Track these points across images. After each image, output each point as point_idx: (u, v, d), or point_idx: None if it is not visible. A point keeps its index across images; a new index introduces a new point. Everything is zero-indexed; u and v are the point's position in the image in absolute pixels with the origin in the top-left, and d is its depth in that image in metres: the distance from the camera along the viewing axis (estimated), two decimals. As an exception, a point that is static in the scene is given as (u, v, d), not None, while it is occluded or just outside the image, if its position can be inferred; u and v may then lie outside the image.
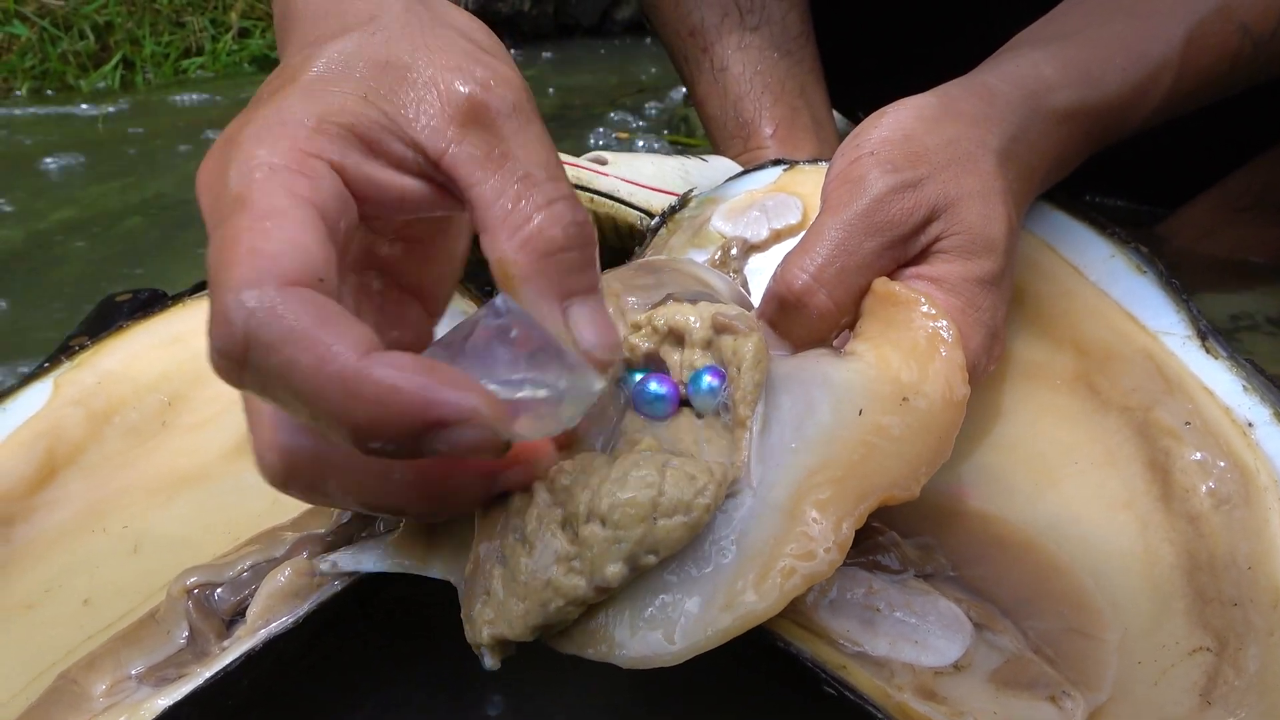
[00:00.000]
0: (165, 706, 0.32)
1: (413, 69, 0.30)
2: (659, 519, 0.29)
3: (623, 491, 0.29)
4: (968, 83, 0.43)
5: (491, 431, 0.25)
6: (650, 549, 0.29)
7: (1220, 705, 0.31)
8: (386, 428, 0.24)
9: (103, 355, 0.49)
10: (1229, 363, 0.40)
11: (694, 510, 0.29)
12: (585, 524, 0.29)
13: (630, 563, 0.29)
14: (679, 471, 0.30)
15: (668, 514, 0.29)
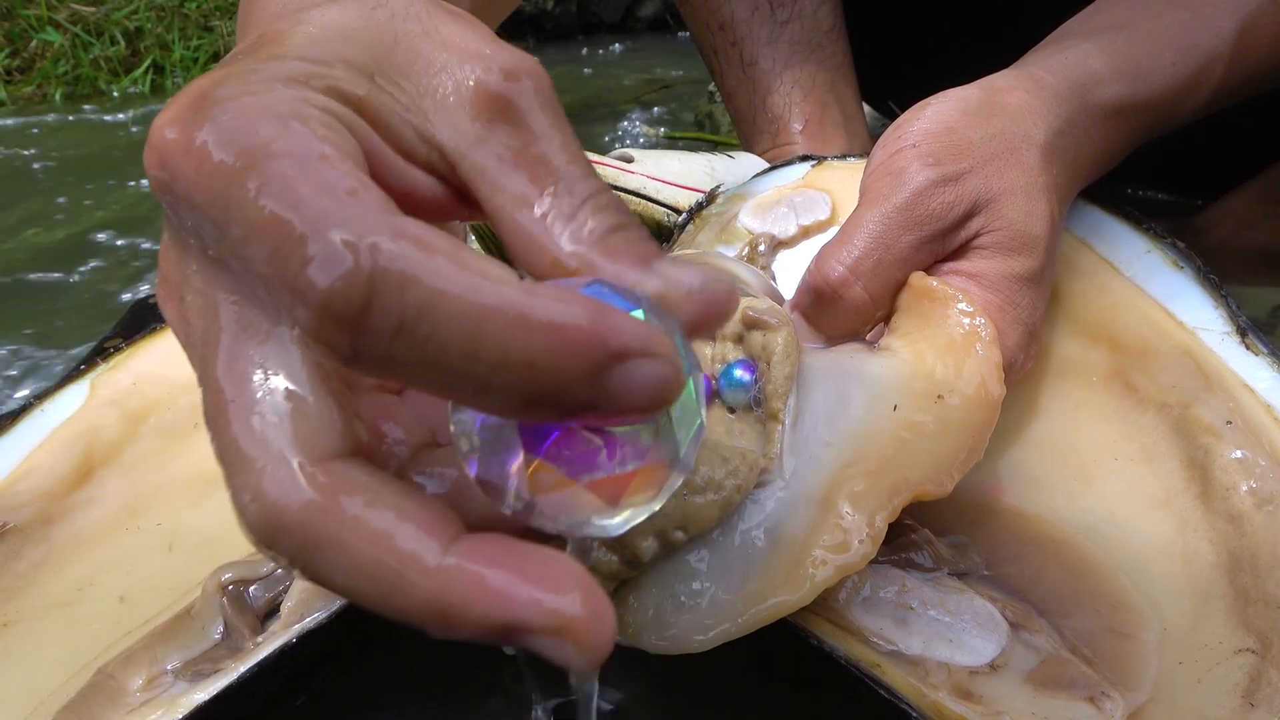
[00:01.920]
0: (201, 701, 0.32)
1: (424, 53, 0.25)
2: (689, 495, 0.29)
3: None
4: (1013, 74, 0.43)
5: (677, 369, 0.20)
6: (679, 524, 0.29)
7: (1264, 707, 0.31)
8: (564, 362, 0.19)
9: (137, 357, 0.49)
10: (1270, 359, 0.39)
11: (724, 489, 0.29)
12: None
13: (660, 537, 0.29)
14: (711, 452, 0.30)
15: (699, 491, 0.29)
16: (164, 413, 0.48)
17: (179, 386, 0.49)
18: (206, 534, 0.43)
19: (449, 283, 0.19)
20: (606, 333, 0.20)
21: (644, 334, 0.20)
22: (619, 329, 0.20)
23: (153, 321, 0.52)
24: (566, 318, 0.19)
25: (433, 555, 0.20)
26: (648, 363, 0.20)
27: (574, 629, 0.20)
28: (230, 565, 0.37)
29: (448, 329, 0.19)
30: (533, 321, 0.19)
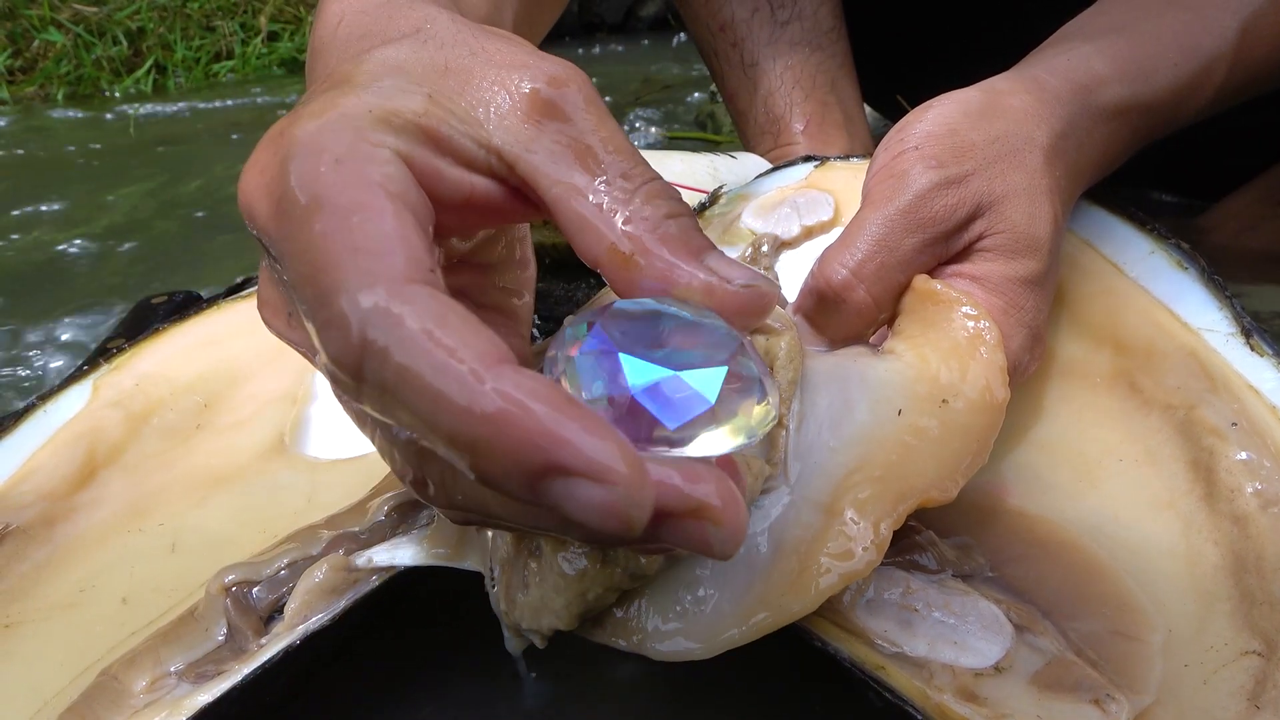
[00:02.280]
0: (205, 703, 0.32)
1: (474, 72, 0.28)
2: None
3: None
4: (1016, 76, 0.43)
5: (623, 497, 0.20)
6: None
7: (1270, 710, 0.31)
8: (502, 456, 0.21)
9: (140, 358, 0.49)
10: (1275, 360, 0.39)
11: None
12: None
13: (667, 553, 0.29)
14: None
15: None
16: (166, 413, 0.48)
17: (182, 387, 0.49)
18: (210, 535, 0.43)
19: (418, 358, 0.21)
20: (553, 442, 0.20)
21: (593, 456, 0.20)
22: (569, 441, 0.20)
23: (155, 322, 0.52)
24: (515, 416, 0.20)
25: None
26: (593, 486, 0.20)
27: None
28: (233, 567, 0.37)
29: (414, 400, 0.21)
30: (481, 409, 0.20)
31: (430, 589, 0.39)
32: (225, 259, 0.94)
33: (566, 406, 0.21)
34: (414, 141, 0.27)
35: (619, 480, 0.20)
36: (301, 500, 0.44)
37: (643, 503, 0.21)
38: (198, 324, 0.51)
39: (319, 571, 0.35)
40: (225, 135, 1.42)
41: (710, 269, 0.26)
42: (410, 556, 0.35)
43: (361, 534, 0.37)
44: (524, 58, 0.29)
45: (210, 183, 1.19)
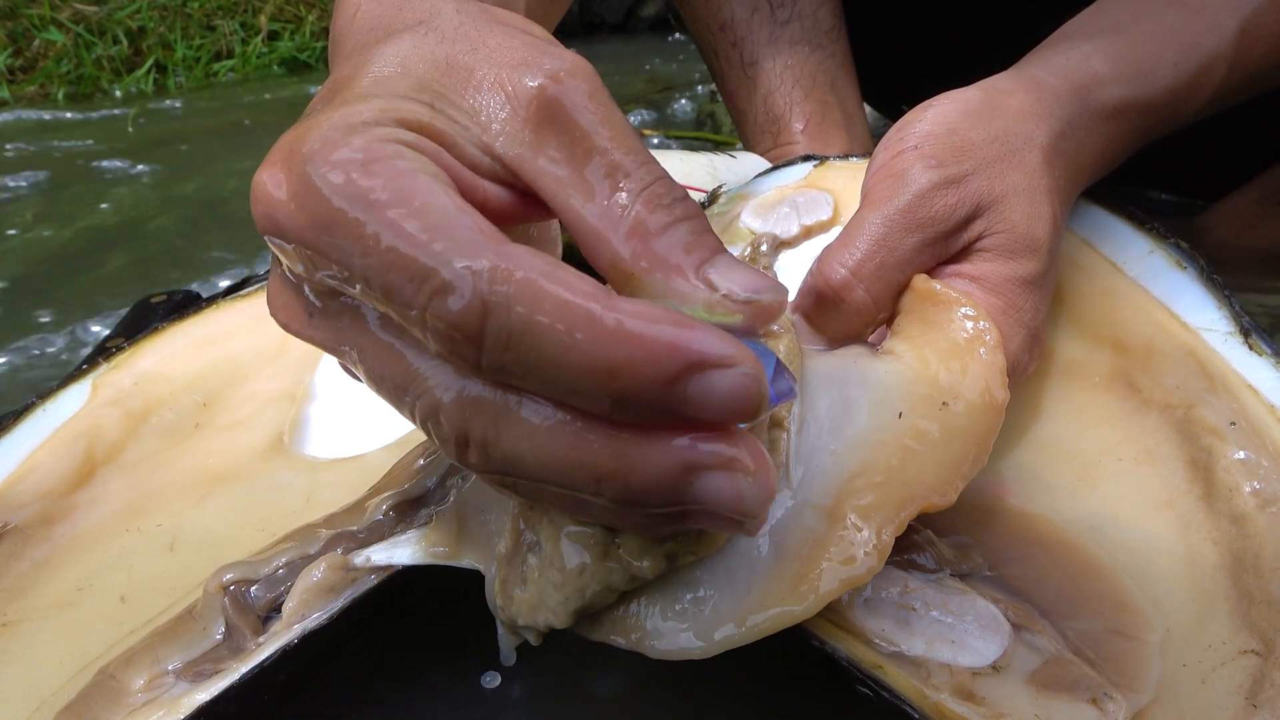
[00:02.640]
0: (203, 701, 0.32)
1: (475, 70, 0.28)
2: None
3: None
4: (1015, 75, 0.43)
5: (755, 380, 0.22)
6: (690, 549, 0.29)
7: (1267, 709, 0.31)
8: (642, 371, 0.22)
9: (139, 357, 0.49)
10: (1273, 360, 0.39)
11: None
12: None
13: (670, 560, 0.29)
14: None
15: None
16: (165, 412, 0.48)
17: (181, 386, 0.49)
18: (208, 534, 0.43)
19: (543, 301, 0.22)
20: (684, 343, 0.22)
21: (722, 346, 0.22)
22: (696, 340, 0.22)
23: (154, 321, 0.52)
24: (646, 330, 0.22)
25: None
26: (727, 373, 0.22)
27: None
28: (232, 565, 0.37)
29: (544, 342, 0.22)
30: (615, 334, 0.22)
31: (428, 588, 0.39)
32: (225, 258, 0.94)
33: (682, 318, 0.22)
34: (425, 142, 0.27)
35: (746, 361, 0.22)
36: (300, 499, 0.44)
37: (764, 386, 0.22)
38: (197, 323, 0.51)
39: (317, 570, 0.35)
40: (225, 135, 1.43)
41: (711, 283, 0.26)
42: (408, 555, 0.34)
43: (360, 533, 0.37)
44: (525, 53, 0.28)
45: (210, 182, 1.20)
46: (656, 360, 0.22)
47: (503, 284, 0.22)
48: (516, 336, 0.22)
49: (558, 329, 0.22)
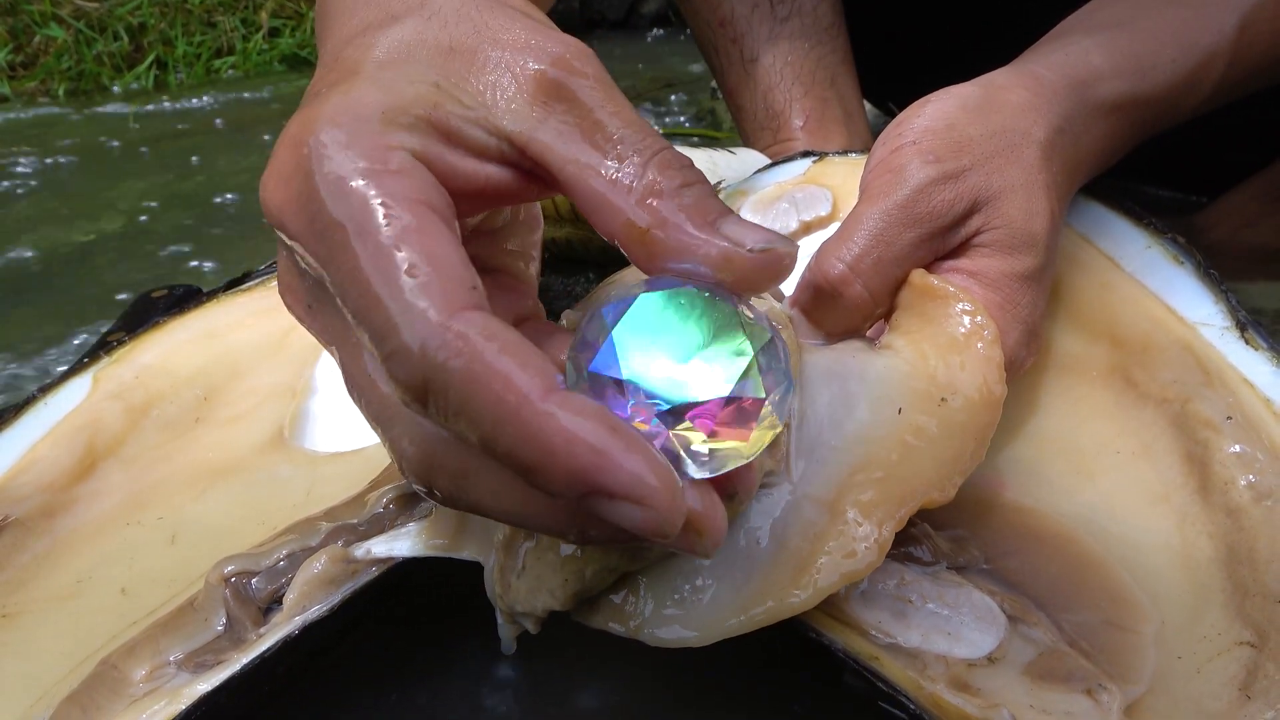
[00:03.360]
0: (204, 691, 0.32)
1: (480, 52, 0.28)
2: None
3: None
4: (1014, 71, 0.43)
5: (659, 518, 0.23)
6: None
7: (1260, 699, 0.31)
8: (553, 477, 0.23)
9: (140, 351, 0.49)
10: (1269, 354, 0.39)
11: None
12: None
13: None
14: None
15: None
16: (166, 406, 0.48)
17: (182, 380, 0.49)
18: (209, 527, 0.43)
19: (477, 389, 0.23)
20: (600, 471, 0.23)
21: (638, 482, 0.23)
22: (609, 469, 0.23)
23: (155, 315, 0.52)
24: (568, 446, 0.23)
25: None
26: (633, 508, 0.23)
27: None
28: (232, 558, 0.37)
29: (477, 421, 0.23)
30: (537, 439, 0.23)
31: (428, 580, 0.39)
32: (226, 254, 0.94)
33: (612, 434, 0.23)
34: (427, 137, 0.27)
35: (657, 504, 0.23)
36: (300, 493, 0.44)
37: (675, 519, 0.23)
38: (198, 317, 0.51)
39: (318, 563, 0.35)
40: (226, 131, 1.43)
41: (725, 236, 0.26)
42: (408, 548, 0.35)
43: (360, 526, 0.38)
44: (528, 36, 0.28)
45: (211, 178, 1.20)
46: (568, 476, 0.23)
47: (445, 359, 0.23)
48: (453, 413, 0.24)
49: (486, 418, 0.23)
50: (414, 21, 0.29)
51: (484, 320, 0.24)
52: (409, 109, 0.27)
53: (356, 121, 0.26)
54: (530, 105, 0.28)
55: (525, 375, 0.23)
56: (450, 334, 0.23)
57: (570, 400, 0.23)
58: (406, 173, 0.26)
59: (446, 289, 0.24)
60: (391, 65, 0.28)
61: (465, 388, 0.23)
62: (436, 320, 0.24)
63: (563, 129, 0.28)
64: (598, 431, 0.23)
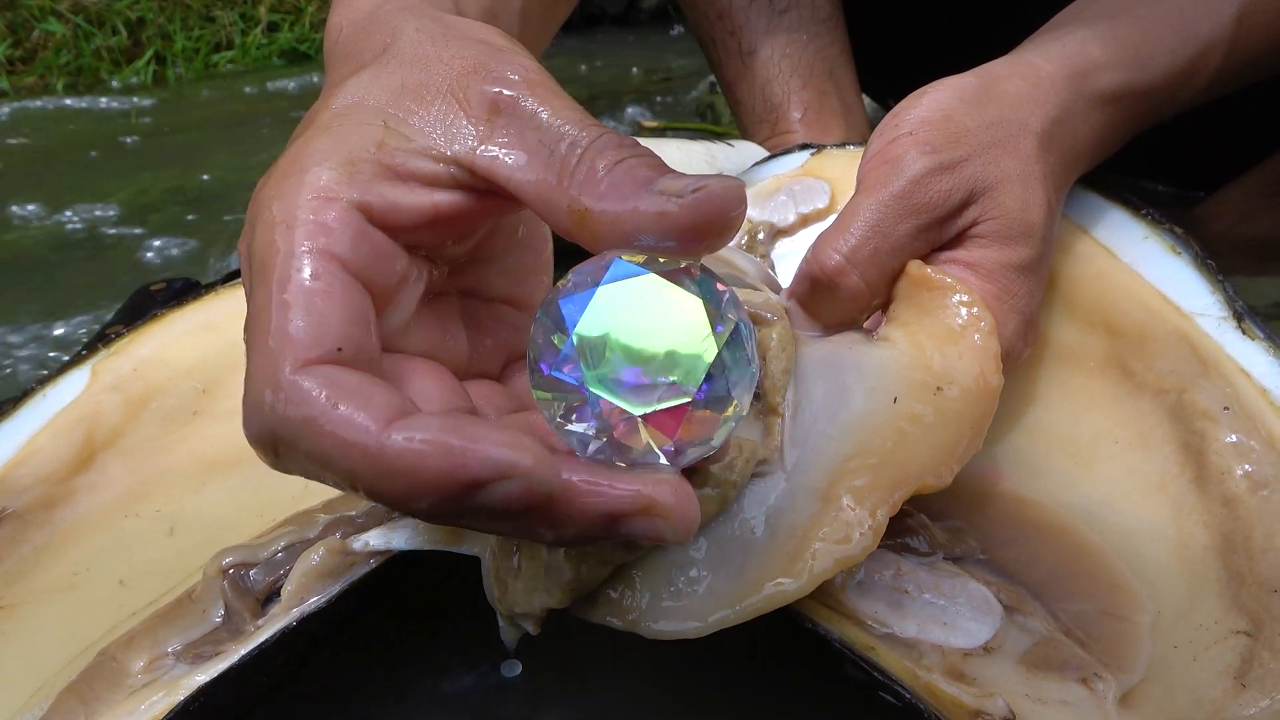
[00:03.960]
0: (202, 683, 0.32)
1: (428, 86, 0.30)
2: None
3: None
4: (1011, 61, 0.43)
5: (535, 481, 0.23)
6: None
7: (1255, 688, 0.31)
8: (425, 496, 0.23)
9: (138, 343, 0.49)
10: (1266, 344, 0.39)
11: (722, 485, 0.30)
12: None
13: None
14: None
15: (698, 486, 0.29)
16: (165, 398, 0.48)
17: (180, 372, 0.49)
18: (207, 519, 0.43)
19: (322, 438, 0.24)
20: (456, 468, 0.23)
21: (496, 460, 0.23)
22: (469, 462, 0.23)
23: (153, 308, 0.52)
24: (418, 460, 0.23)
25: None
26: (505, 484, 0.23)
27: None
28: (231, 549, 0.37)
29: (333, 470, 0.24)
30: (390, 467, 0.23)
31: (426, 572, 0.40)
32: (224, 247, 0.94)
33: (463, 430, 0.23)
34: (372, 181, 0.28)
35: (526, 469, 0.23)
36: (298, 485, 0.44)
37: (551, 478, 0.24)
38: (196, 310, 0.51)
39: (316, 554, 0.35)
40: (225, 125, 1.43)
41: (658, 193, 0.26)
42: (406, 541, 0.35)
43: (358, 518, 0.38)
44: (475, 60, 0.30)
45: (210, 173, 1.20)
46: (437, 488, 0.23)
47: (285, 417, 0.24)
48: (307, 458, 0.24)
49: (339, 463, 0.24)
50: (372, 68, 0.31)
51: (332, 373, 0.25)
52: (354, 153, 0.28)
53: (301, 174, 0.28)
54: (476, 127, 0.29)
55: (365, 415, 0.24)
56: (289, 389, 0.24)
57: (409, 423, 0.23)
58: (331, 226, 0.27)
59: (302, 347, 0.25)
60: (344, 113, 0.30)
61: (309, 437, 0.24)
62: (284, 373, 0.24)
63: (506, 141, 0.28)
64: (440, 436, 0.23)
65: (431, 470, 0.23)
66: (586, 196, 0.26)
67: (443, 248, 0.32)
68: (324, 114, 0.30)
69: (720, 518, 0.31)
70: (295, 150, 0.29)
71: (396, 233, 0.29)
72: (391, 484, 0.23)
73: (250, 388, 0.25)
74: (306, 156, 0.28)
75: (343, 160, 0.28)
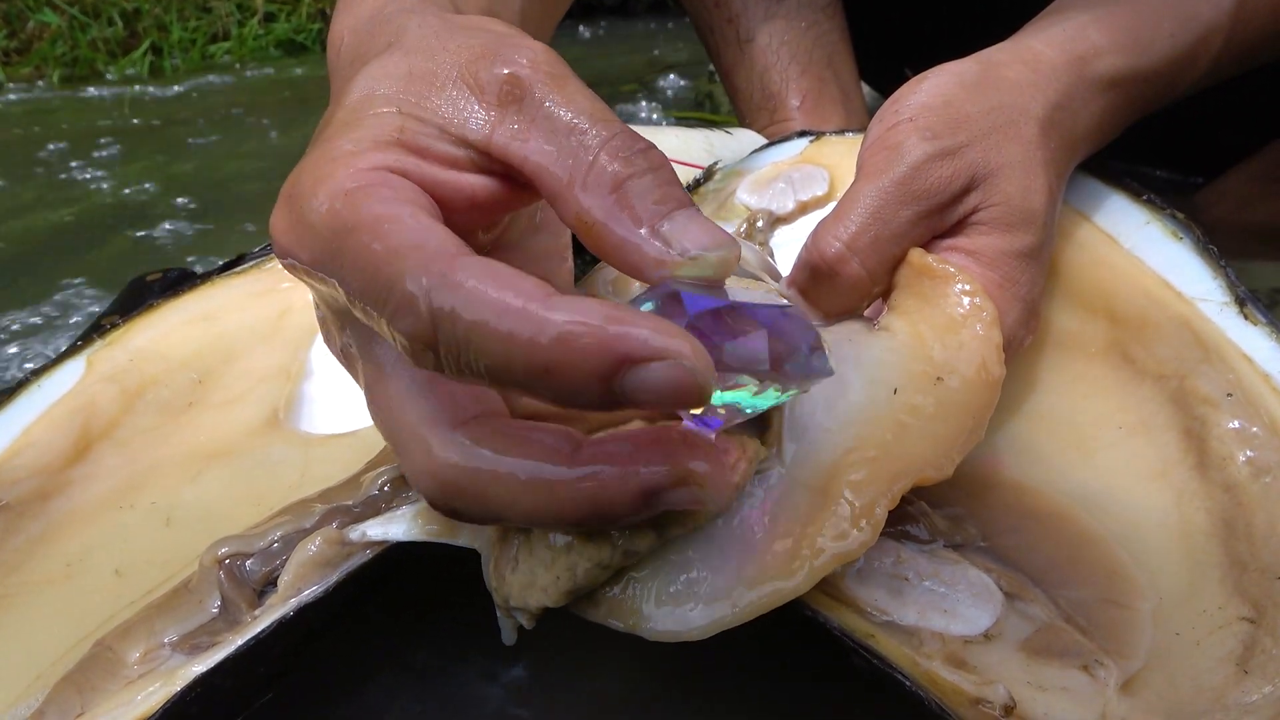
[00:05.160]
0: (199, 673, 0.32)
1: (436, 73, 0.30)
2: None
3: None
4: (1011, 47, 0.42)
5: (691, 370, 0.23)
6: (679, 520, 0.29)
7: (1258, 674, 0.31)
8: (576, 369, 0.23)
9: (134, 333, 0.49)
10: (1268, 329, 0.39)
11: None
12: None
13: (660, 531, 0.29)
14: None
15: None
16: (161, 389, 0.48)
17: (176, 363, 0.49)
18: (203, 509, 0.43)
19: (483, 310, 0.23)
20: (616, 339, 0.22)
21: (653, 340, 0.23)
22: (627, 337, 0.23)
23: (149, 298, 0.52)
24: (578, 329, 0.23)
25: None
26: (658, 366, 0.23)
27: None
28: (227, 540, 0.37)
29: (489, 347, 0.23)
30: (547, 334, 0.23)
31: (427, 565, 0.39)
32: (220, 237, 0.94)
33: (618, 312, 0.23)
34: (401, 156, 0.29)
35: (680, 352, 0.23)
36: (295, 475, 0.44)
37: (706, 370, 0.23)
38: (192, 300, 0.51)
39: (312, 545, 0.35)
40: (222, 117, 1.42)
41: (662, 237, 0.27)
42: (403, 532, 0.35)
43: (355, 508, 0.37)
44: (481, 49, 0.30)
45: (207, 163, 1.19)
46: (587, 359, 0.23)
47: (449, 295, 0.24)
48: (462, 342, 0.24)
49: (499, 332, 0.23)
50: (377, 61, 0.31)
51: (476, 259, 0.24)
52: (378, 137, 0.29)
53: (334, 160, 0.28)
54: (488, 111, 0.29)
55: (526, 285, 0.23)
56: (446, 273, 0.24)
57: (570, 299, 0.23)
58: (385, 184, 0.27)
59: (435, 247, 0.25)
60: (358, 106, 0.30)
61: (471, 312, 0.23)
62: (432, 266, 0.24)
63: (518, 129, 0.29)
64: (603, 310, 0.23)
65: (592, 340, 0.23)
66: (595, 209, 0.27)
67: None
68: (338, 114, 0.30)
69: (719, 517, 0.30)
70: (322, 149, 0.29)
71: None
72: (542, 355, 0.23)
73: (399, 288, 0.24)
74: (337, 147, 0.28)
75: (374, 145, 0.29)
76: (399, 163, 0.28)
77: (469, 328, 0.23)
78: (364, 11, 0.36)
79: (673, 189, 0.27)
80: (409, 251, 0.25)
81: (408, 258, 0.25)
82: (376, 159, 0.28)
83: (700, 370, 0.23)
